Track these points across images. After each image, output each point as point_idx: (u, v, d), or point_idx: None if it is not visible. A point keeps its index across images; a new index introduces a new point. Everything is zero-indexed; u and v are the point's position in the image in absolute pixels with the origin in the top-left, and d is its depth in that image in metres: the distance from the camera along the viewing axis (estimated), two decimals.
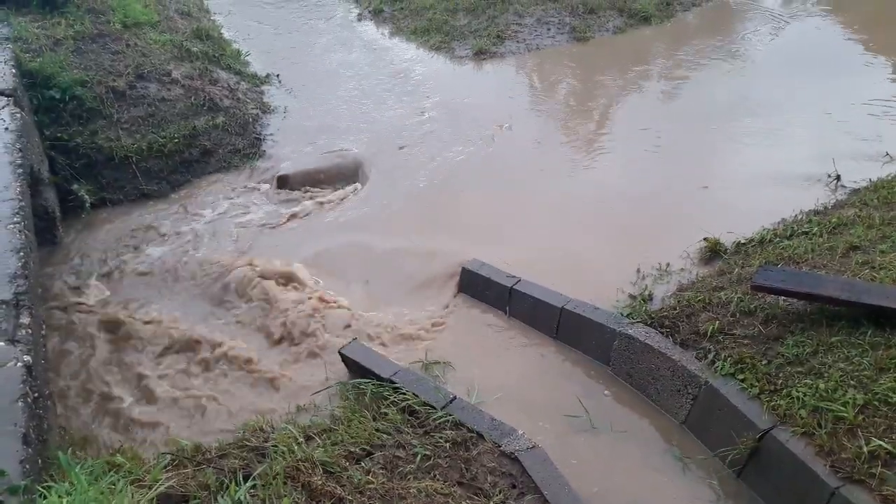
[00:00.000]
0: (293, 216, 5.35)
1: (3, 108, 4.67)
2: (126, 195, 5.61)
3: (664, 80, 7.23)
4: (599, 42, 8.01)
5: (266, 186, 5.76)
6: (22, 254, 3.22)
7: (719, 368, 3.26)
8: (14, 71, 5.29)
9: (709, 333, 3.48)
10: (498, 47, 7.99)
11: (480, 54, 7.88)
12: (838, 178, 5.09)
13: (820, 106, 6.38)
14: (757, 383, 3.11)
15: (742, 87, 6.89)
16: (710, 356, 3.35)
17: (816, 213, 4.66)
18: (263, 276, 4.57)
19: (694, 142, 6.01)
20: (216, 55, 7.39)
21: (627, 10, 8.44)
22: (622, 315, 3.84)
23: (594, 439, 3.32)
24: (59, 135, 5.49)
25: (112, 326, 4.22)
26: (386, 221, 5.22)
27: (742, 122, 6.22)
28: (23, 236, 3.37)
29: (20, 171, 3.98)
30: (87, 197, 5.36)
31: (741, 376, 3.18)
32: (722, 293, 3.78)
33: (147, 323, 4.23)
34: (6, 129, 4.39)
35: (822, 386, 2.97)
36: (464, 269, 4.46)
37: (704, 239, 4.46)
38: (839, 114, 6.20)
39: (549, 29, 8.23)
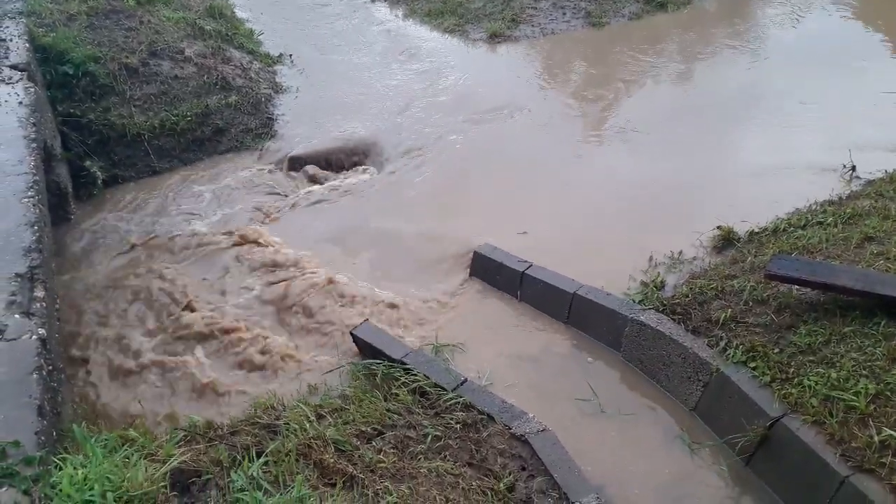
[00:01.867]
0: (305, 197, 5.33)
1: (17, 82, 4.68)
2: (138, 172, 5.63)
3: (679, 68, 7.16)
4: (615, 28, 7.93)
5: (277, 167, 5.75)
6: (36, 227, 3.23)
7: (731, 356, 3.26)
8: (28, 45, 5.30)
9: (721, 321, 3.47)
10: (512, 31, 7.92)
11: (495, 37, 7.82)
12: (854, 168, 5.05)
13: (837, 96, 6.30)
14: (768, 371, 3.11)
15: (758, 75, 6.82)
16: (722, 344, 3.34)
17: (831, 203, 4.61)
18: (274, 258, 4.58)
19: (708, 130, 5.95)
20: (229, 34, 7.36)
21: None
22: (634, 301, 3.83)
23: (604, 423, 3.33)
24: (71, 111, 5.49)
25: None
26: (397, 204, 5.21)
27: (757, 110, 6.16)
28: (37, 210, 3.39)
29: (34, 145, 3.99)
30: (99, 174, 5.38)
31: (753, 364, 3.18)
32: (735, 281, 3.76)
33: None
34: (20, 103, 4.39)
35: (833, 375, 2.96)
36: (476, 252, 4.45)
37: (717, 227, 4.43)
38: (856, 104, 6.13)
39: (564, 13, 8.16)
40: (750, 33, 7.77)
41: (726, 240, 4.36)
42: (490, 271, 4.37)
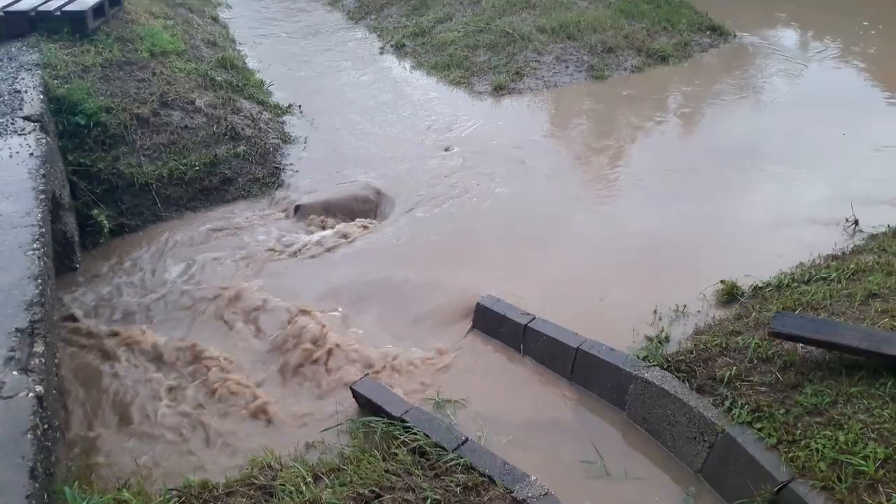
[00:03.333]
0: (308, 246, 5.36)
1: (30, 133, 4.76)
2: (144, 221, 5.67)
3: (681, 120, 7.24)
4: (617, 80, 8.05)
5: (283, 216, 5.79)
6: (40, 281, 3.25)
7: (736, 416, 3.21)
8: (42, 97, 5.41)
9: (726, 379, 3.43)
10: (517, 83, 8.05)
11: (499, 90, 7.94)
12: (856, 222, 5.05)
13: (837, 148, 6.35)
14: (775, 433, 3.05)
15: (759, 127, 6.89)
16: (727, 403, 3.30)
17: (834, 258, 4.61)
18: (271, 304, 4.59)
19: (711, 181, 5.99)
20: (240, 85, 7.52)
21: (645, 49, 8.50)
22: (638, 357, 3.79)
23: (609, 487, 3.26)
24: (81, 160, 5.57)
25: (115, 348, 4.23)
26: (400, 254, 5.22)
27: (759, 162, 6.20)
28: (41, 263, 3.41)
29: (42, 196, 4.03)
30: (106, 222, 5.41)
31: (759, 425, 3.12)
32: (739, 338, 3.73)
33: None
34: (31, 154, 4.46)
35: (841, 438, 2.91)
36: (478, 304, 4.44)
37: (721, 281, 4.43)
38: (857, 157, 6.17)
39: (567, 67, 8.30)
40: (751, 86, 7.87)
41: (730, 294, 4.35)
42: (492, 323, 4.34)
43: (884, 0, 11.17)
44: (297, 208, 5.82)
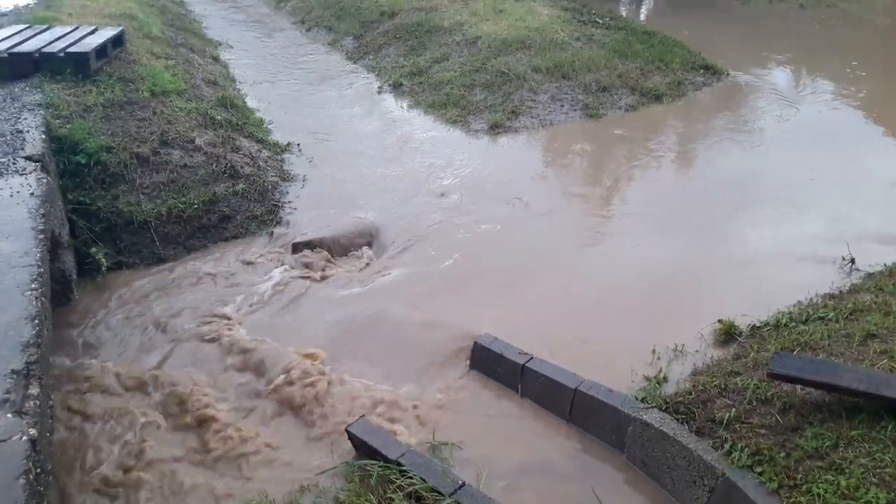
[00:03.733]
0: (303, 285, 5.36)
1: (31, 173, 4.79)
2: (142, 259, 5.67)
3: (675, 157, 7.32)
4: (612, 119, 8.15)
5: (280, 254, 5.80)
6: (37, 321, 3.24)
7: (736, 459, 3.18)
8: (44, 136, 5.46)
9: (725, 421, 3.41)
10: (512, 122, 8.15)
11: (495, 128, 8.03)
12: (853, 261, 5.08)
13: (832, 186, 6.43)
14: (776, 477, 3.02)
15: (753, 165, 6.97)
16: (727, 446, 3.27)
17: (832, 296, 4.63)
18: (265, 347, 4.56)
19: (706, 218, 6.04)
20: (239, 123, 7.59)
21: (639, 88, 8.62)
22: (637, 399, 3.78)
23: None
24: (81, 199, 5.59)
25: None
26: (397, 291, 5.22)
27: (753, 200, 6.27)
28: (39, 303, 3.40)
29: (41, 236, 4.04)
30: (104, 260, 5.42)
31: (759, 469, 3.10)
32: (738, 378, 3.73)
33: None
34: (31, 194, 4.49)
35: (843, 483, 2.88)
36: (476, 343, 4.43)
37: (719, 321, 4.44)
38: (851, 195, 6.24)
39: (562, 105, 8.41)
40: (745, 124, 7.98)
41: (728, 334, 4.36)
42: (490, 363, 4.33)
43: (872, 40, 11.40)
44: (294, 246, 5.83)
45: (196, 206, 5.98)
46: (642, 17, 13.66)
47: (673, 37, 10.33)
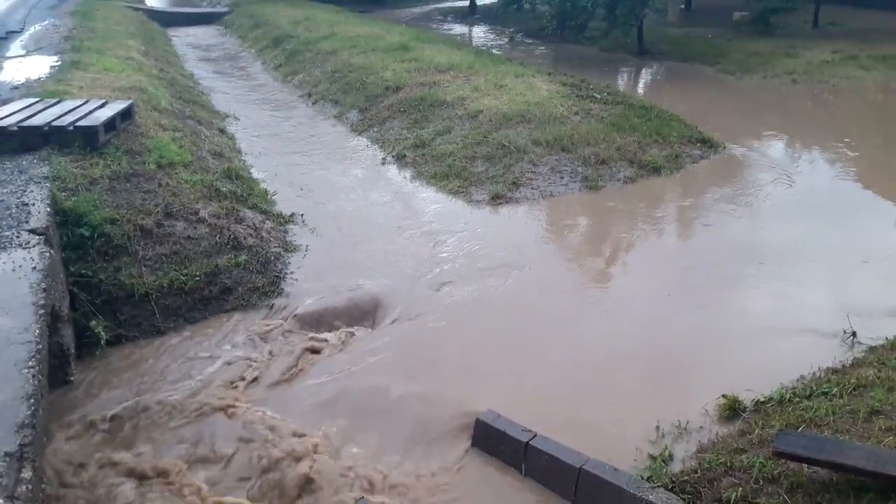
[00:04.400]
0: (304, 357, 5.33)
1: (34, 246, 4.84)
2: (142, 332, 5.65)
3: (675, 229, 7.39)
4: (611, 191, 8.27)
5: (281, 324, 5.79)
6: (33, 401, 3.21)
7: None
8: (49, 209, 5.53)
9: (732, 501, 3.36)
10: (513, 193, 8.26)
11: (496, 199, 8.14)
12: (854, 334, 5.07)
13: (830, 257, 6.46)
14: None
15: (753, 237, 7.02)
16: None
17: (834, 371, 4.61)
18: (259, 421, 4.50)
19: (706, 291, 6.05)
20: (244, 195, 7.70)
21: (638, 161, 8.78)
22: (642, 478, 3.70)
23: None
24: (83, 271, 5.62)
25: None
26: (397, 364, 5.19)
27: (753, 272, 6.29)
28: (36, 381, 3.38)
29: (41, 311, 4.05)
30: (103, 334, 5.40)
31: None
32: (744, 456, 3.68)
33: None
34: (34, 268, 4.52)
35: None
36: (478, 420, 4.37)
37: (723, 396, 4.40)
38: (850, 266, 6.26)
39: (562, 177, 8.54)
40: (743, 196, 8.08)
41: (732, 409, 4.32)
42: (492, 440, 4.26)
43: (864, 114, 11.67)
44: (294, 318, 5.83)
45: (198, 277, 6.01)
46: (639, 91, 14.03)
47: (670, 111, 10.58)
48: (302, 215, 7.80)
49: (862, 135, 10.42)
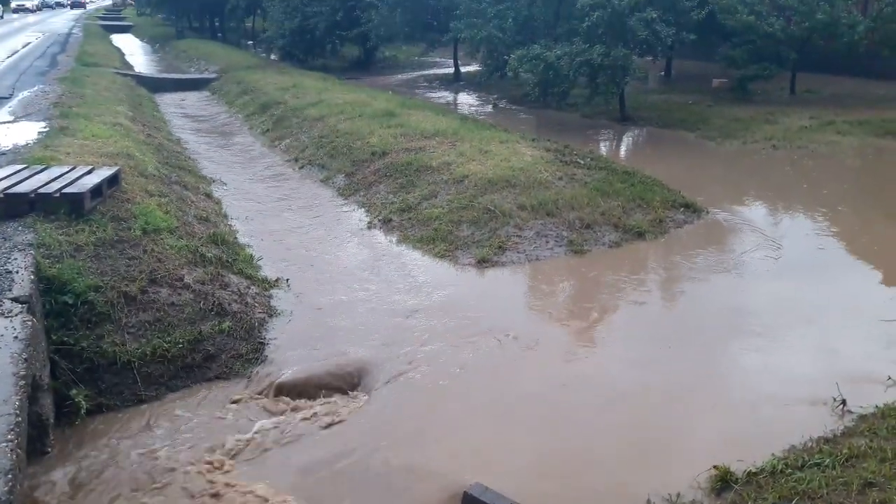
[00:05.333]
0: (286, 427, 5.22)
1: (16, 315, 4.78)
2: (123, 401, 5.53)
3: (661, 294, 7.43)
4: (596, 255, 8.34)
5: (263, 393, 5.69)
6: (10, 476, 3.11)
7: None
8: (32, 277, 5.48)
9: None
10: (499, 257, 8.30)
11: (482, 262, 8.17)
12: (844, 402, 5.06)
13: (817, 322, 6.50)
14: None
15: (739, 302, 7.08)
16: None
17: (826, 440, 4.58)
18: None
19: (693, 357, 6.05)
20: (229, 260, 7.68)
21: (622, 225, 8.89)
22: None
23: None
24: (65, 339, 5.53)
25: None
26: (381, 434, 5.10)
27: (741, 338, 6.31)
28: (14, 455, 3.28)
29: (22, 382, 3.97)
30: (83, 403, 5.28)
31: None
32: None
33: None
34: (15, 337, 4.45)
35: None
36: (466, 493, 4.26)
37: (714, 467, 4.35)
38: (838, 332, 6.30)
39: (547, 241, 8.62)
40: (727, 261, 8.18)
41: (724, 480, 4.26)
42: None
43: (843, 178, 11.96)
44: (277, 387, 5.73)
45: (181, 345, 5.93)
46: (622, 156, 14.33)
47: (652, 176, 10.78)
48: (287, 280, 7.77)
49: (842, 198, 10.66)
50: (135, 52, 40.73)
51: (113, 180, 7.94)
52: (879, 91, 17.99)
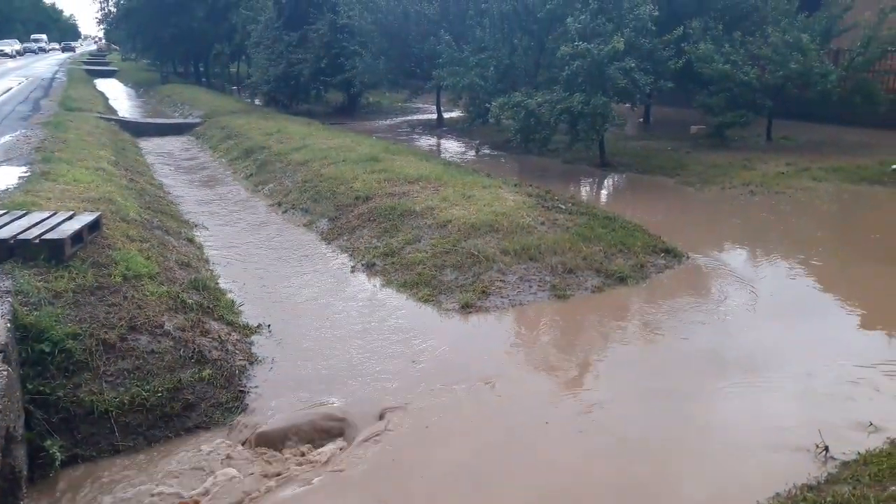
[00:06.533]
0: (269, 481, 5.12)
1: None
2: (100, 451, 5.41)
3: (643, 341, 7.44)
4: (579, 300, 8.37)
5: (242, 444, 5.58)
6: None
7: None
8: (9, 325, 5.40)
9: None
10: (483, 301, 8.31)
11: (466, 307, 8.17)
12: (826, 448, 5.06)
13: (797, 367, 6.53)
14: None
15: (720, 347, 7.11)
16: None
17: (810, 488, 4.58)
18: None
19: (676, 406, 6.04)
20: (210, 306, 7.62)
21: (604, 270, 8.95)
22: None
23: None
24: (41, 388, 5.43)
25: None
26: (367, 493, 5.02)
27: (722, 384, 6.33)
28: None
29: None
30: (58, 454, 5.16)
31: None
32: None
33: None
34: None
35: None
36: None
37: None
38: (819, 377, 6.33)
39: (530, 286, 8.65)
40: (708, 305, 8.24)
41: None
42: None
43: (819, 224, 12.18)
44: (257, 437, 5.63)
45: (160, 393, 5.83)
46: (603, 201, 14.52)
47: (633, 221, 10.91)
48: (269, 326, 7.71)
49: (819, 243, 10.83)
50: (119, 96, 40.98)
51: (94, 226, 7.90)
52: (853, 138, 18.47)
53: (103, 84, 46.29)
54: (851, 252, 10.40)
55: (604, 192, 15.61)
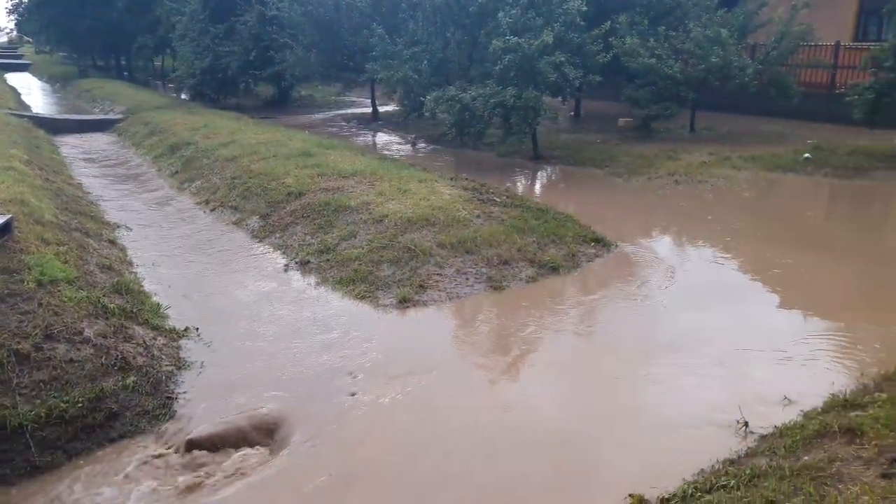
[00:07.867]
0: (196, 488, 4.97)
1: None
2: (14, 469, 5.13)
3: (575, 327, 7.58)
4: (514, 290, 8.46)
5: (172, 453, 5.41)
6: None
7: None
8: None
9: None
10: (420, 296, 8.28)
11: (404, 302, 8.13)
12: (746, 424, 5.28)
13: (721, 348, 6.77)
14: None
15: (646, 331, 7.33)
16: None
17: (731, 462, 4.77)
18: None
19: (607, 389, 6.20)
20: (134, 310, 7.33)
21: (538, 261, 9.07)
22: None
23: None
24: None
25: None
26: (300, 497, 4.93)
27: (649, 366, 6.51)
28: None
29: None
30: None
31: None
32: None
33: None
34: None
35: None
36: None
37: (630, 495, 4.45)
38: (739, 356, 6.59)
39: (467, 278, 8.68)
40: (635, 292, 8.44)
41: None
42: None
43: (740, 210, 12.65)
44: (186, 444, 5.46)
45: (80, 404, 5.58)
46: (536, 193, 14.70)
47: (565, 212, 11.10)
48: (197, 329, 7.48)
49: (739, 229, 11.26)
50: (33, 91, 39.11)
51: (4, 229, 7.50)
52: (769, 128, 19.29)
53: (14, 78, 44.01)
54: (769, 236, 10.84)
55: (537, 185, 15.82)
